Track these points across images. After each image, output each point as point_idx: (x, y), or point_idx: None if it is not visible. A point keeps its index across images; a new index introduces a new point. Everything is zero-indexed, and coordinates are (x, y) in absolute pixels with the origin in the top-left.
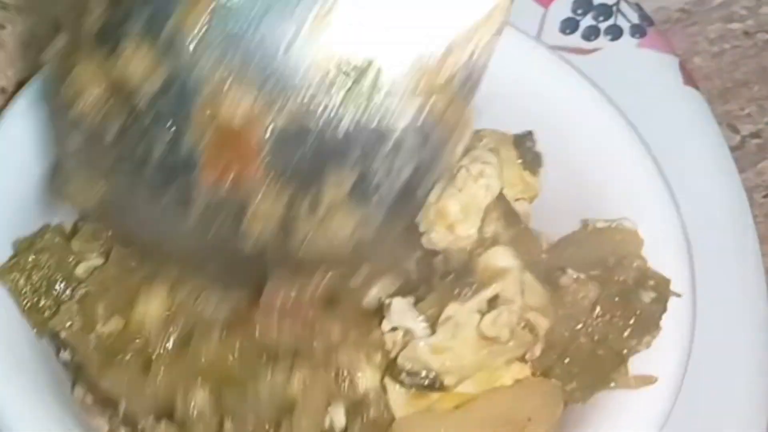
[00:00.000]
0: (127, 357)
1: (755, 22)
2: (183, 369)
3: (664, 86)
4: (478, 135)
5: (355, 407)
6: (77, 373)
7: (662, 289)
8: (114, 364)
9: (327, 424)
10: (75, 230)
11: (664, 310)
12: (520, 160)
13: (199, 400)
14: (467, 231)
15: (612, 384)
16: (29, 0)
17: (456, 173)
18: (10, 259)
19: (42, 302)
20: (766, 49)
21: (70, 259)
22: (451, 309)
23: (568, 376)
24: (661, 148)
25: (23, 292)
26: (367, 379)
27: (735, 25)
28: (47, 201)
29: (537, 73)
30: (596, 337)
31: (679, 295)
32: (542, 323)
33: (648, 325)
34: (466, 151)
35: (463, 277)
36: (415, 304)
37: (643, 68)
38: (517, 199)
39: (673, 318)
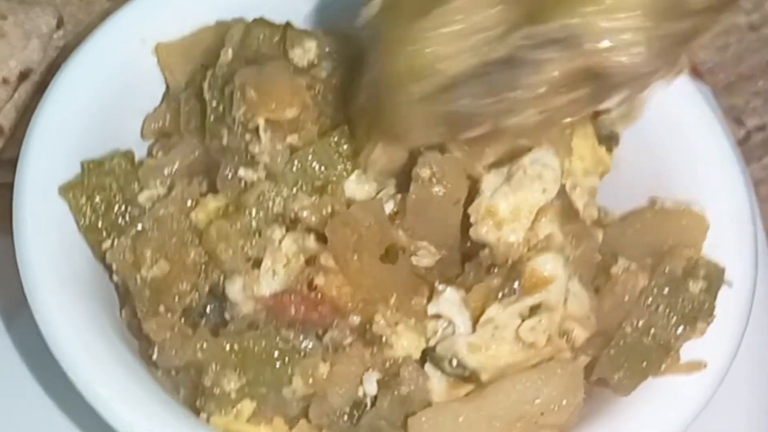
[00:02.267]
0: (169, 314)
1: (760, 16)
2: (219, 350)
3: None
4: None
5: (389, 381)
6: (126, 298)
7: (714, 279)
8: (158, 314)
9: (360, 393)
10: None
11: (714, 299)
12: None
13: (229, 383)
14: (514, 232)
15: (660, 371)
16: None
17: (514, 171)
18: (75, 177)
19: (100, 223)
20: None
21: (134, 186)
22: (494, 310)
23: (613, 366)
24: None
25: (83, 210)
26: (403, 346)
27: (740, 20)
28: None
29: None
30: (642, 328)
31: (730, 285)
32: (580, 334)
33: (699, 313)
34: (528, 149)
35: (510, 278)
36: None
37: None
38: (587, 174)
39: (729, 305)
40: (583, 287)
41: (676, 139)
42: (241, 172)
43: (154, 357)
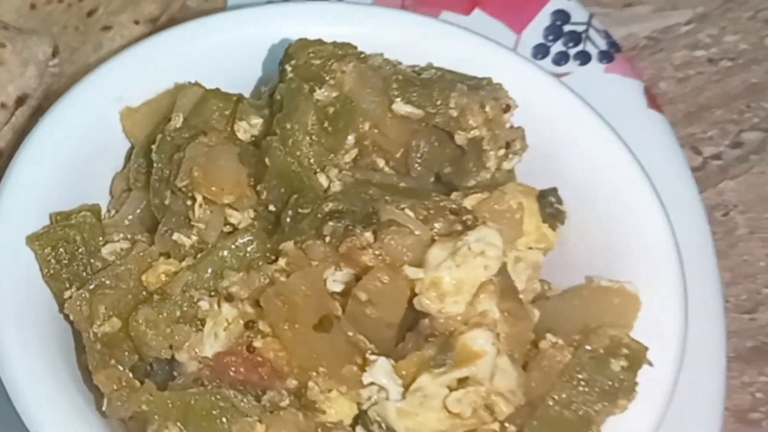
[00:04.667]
0: (119, 366)
1: (719, 50)
2: (162, 404)
3: (629, 109)
4: (501, 190)
5: None
6: (82, 347)
7: (635, 358)
8: (108, 366)
9: None
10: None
11: (635, 377)
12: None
13: None
14: (455, 306)
15: None
16: (28, 21)
17: (459, 248)
18: (43, 228)
19: (63, 273)
20: (729, 75)
21: (99, 239)
22: (424, 380)
23: None
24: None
25: (48, 260)
26: (335, 412)
27: (700, 53)
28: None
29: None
30: (564, 401)
31: (651, 365)
32: (504, 408)
33: (619, 390)
34: (474, 223)
35: (443, 349)
36: (396, 360)
37: (609, 92)
38: (530, 248)
39: (653, 385)
40: (512, 364)
41: (618, 222)
42: (175, 236)
43: (104, 407)
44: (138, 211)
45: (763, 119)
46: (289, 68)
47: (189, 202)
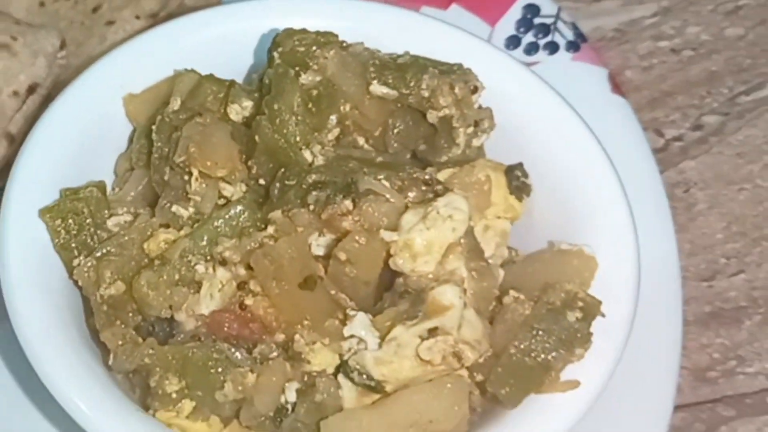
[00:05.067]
0: (123, 325)
1: (681, 41)
2: (163, 357)
3: (594, 94)
4: (471, 165)
5: (306, 389)
6: (89, 310)
7: (589, 310)
8: (113, 325)
9: (282, 400)
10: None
11: (588, 328)
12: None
13: (171, 385)
14: (426, 264)
15: (541, 388)
16: (38, 17)
17: (429, 212)
18: (54, 202)
19: (72, 243)
20: (691, 64)
21: (104, 212)
22: (398, 331)
23: (501, 382)
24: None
25: (58, 231)
26: (319, 362)
27: (663, 43)
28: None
29: (534, 108)
30: (524, 350)
31: (603, 316)
32: (470, 355)
33: (575, 339)
34: (444, 191)
35: (415, 303)
36: (374, 316)
37: (576, 78)
38: (498, 217)
39: (607, 336)
40: (478, 316)
41: (578, 193)
42: (174, 208)
43: (110, 362)
44: (140, 187)
45: (722, 104)
46: (276, 55)
47: (186, 177)
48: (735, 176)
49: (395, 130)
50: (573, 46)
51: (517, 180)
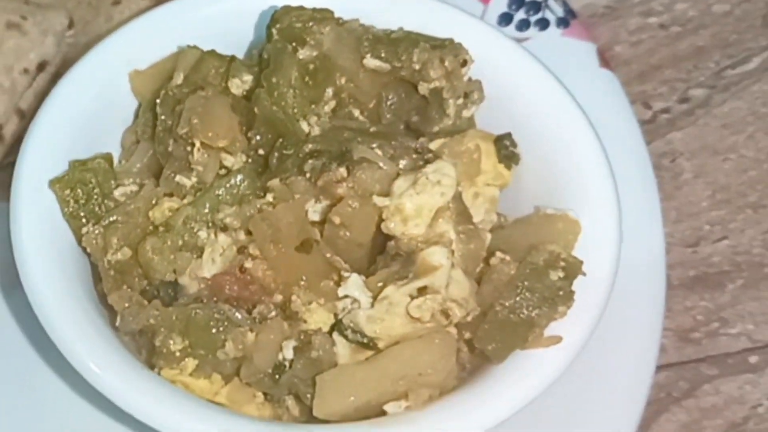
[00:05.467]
0: (130, 289)
1: (670, 17)
2: (167, 318)
3: (583, 68)
4: (461, 135)
5: (302, 347)
6: (97, 276)
7: (571, 269)
8: (120, 288)
9: (280, 357)
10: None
11: (570, 286)
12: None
13: (175, 344)
14: (416, 227)
15: (526, 344)
16: None
17: (418, 178)
18: (63, 173)
19: (81, 212)
20: (679, 39)
21: (111, 183)
22: (389, 290)
23: (487, 338)
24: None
25: (67, 201)
26: (315, 321)
27: (652, 19)
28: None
29: (522, 81)
30: (510, 307)
31: (584, 274)
32: (457, 313)
33: (557, 297)
34: (434, 159)
35: (406, 264)
36: (367, 277)
37: (565, 53)
38: (488, 185)
39: (589, 294)
40: (465, 276)
41: (564, 160)
42: (178, 178)
43: (117, 323)
44: (145, 159)
45: (708, 77)
46: (275, 31)
47: (188, 148)
48: (720, 146)
49: (388, 102)
50: (563, 23)
51: (506, 149)
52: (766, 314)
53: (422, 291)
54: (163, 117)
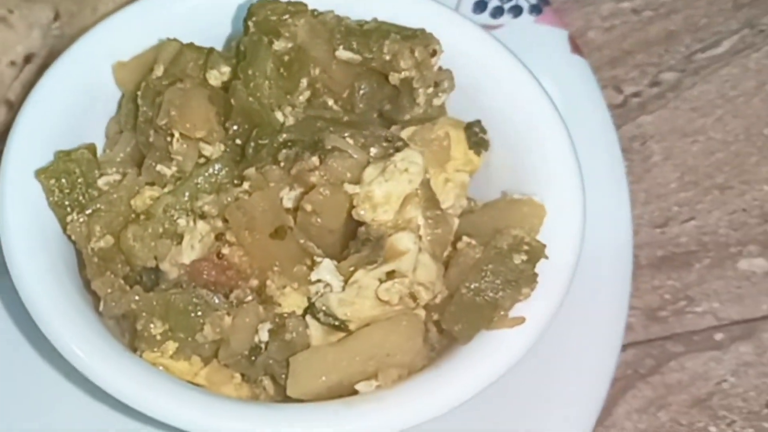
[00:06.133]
0: (113, 276)
1: (642, 2)
2: (148, 303)
3: (554, 54)
4: (431, 122)
5: (277, 330)
6: (82, 262)
7: (534, 253)
8: (103, 275)
9: (256, 340)
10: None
11: (533, 269)
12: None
13: (155, 328)
14: (385, 213)
15: (491, 324)
16: None
17: (387, 166)
18: (49, 163)
19: (65, 201)
20: (650, 23)
21: (95, 172)
22: (359, 274)
23: (454, 319)
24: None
25: (53, 189)
26: (289, 304)
27: (625, 4)
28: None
29: (492, 70)
30: (475, 289)
31: (547, 258)
32: (424, 296)
33: (521, 280)
34: (403, 147)
35: (376, 249)
36: (338, 262)
37: (538, 40)
38: (458, 171)
39: (552, 276)
40: (432, 260)
41: (531, 147)
42: (158, 167)
43: (100, 309)
44: (128, 149)
45: (679, 61)
46: (251, 24)
47: (168, 138)
48: (689, 129)
49: (361, 92)
50: (536, 10)
51: (475, 136)
52: (731, 293)
53: (391, 275)
54: (144, 108)
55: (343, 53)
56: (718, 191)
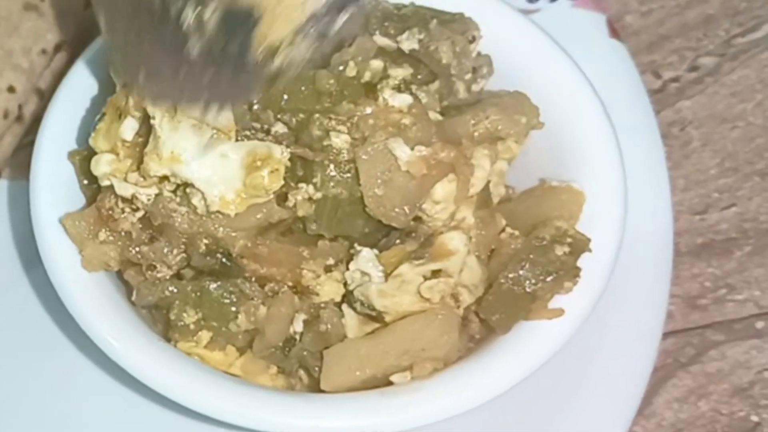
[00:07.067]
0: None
1: None
2: (182, 291)
3: (592, 39)
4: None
5: (312, 320)
6: None
7: (577, 246)
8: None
9: (291, 331)
10: None
11: (575, 262)
12: None
13: (189, 317)
14: (442, 213)
15: (529, 315)
16: None
17: None
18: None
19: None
20: (688, 8)
21: None
22: (404, 268)
23: (492, 309)
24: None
25: (85, 171)
26: (325, 293)
27: None
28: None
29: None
30: (513, 279)
31: (591, 251)
32: (467, 298)
33: (562, 272)
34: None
35: (424, 246)
36: (380, 251)
37: (575, 25)
38: (497, 160)
39: (593, 269)
40: (479, 262)
41: (570, 133)
42: None
43: (133, 298)
44: None
45: (718, 46)
46: None
47: None
48: (728, 115)
49: None
50: None
51: None
52: None
53: (436, 273)
54: None
55: (378, 39)
56: (758, 177)
